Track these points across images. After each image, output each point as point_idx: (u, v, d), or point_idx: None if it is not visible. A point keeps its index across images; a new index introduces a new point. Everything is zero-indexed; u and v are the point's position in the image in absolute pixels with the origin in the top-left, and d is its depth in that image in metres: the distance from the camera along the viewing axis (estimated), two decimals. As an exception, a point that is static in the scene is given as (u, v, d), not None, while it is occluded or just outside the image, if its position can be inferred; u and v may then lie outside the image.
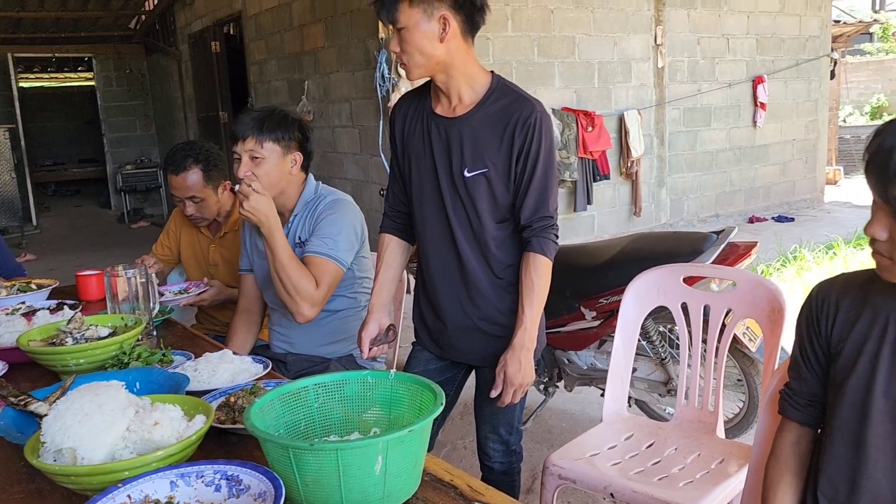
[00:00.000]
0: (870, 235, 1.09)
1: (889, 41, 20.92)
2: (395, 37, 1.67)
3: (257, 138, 2.08)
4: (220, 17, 8.17)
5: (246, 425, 1.11)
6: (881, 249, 1.09)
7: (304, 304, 2.06)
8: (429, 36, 1.66)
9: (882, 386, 1.17)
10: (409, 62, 1.69)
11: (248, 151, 2.08)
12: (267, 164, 2.10)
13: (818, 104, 8.46)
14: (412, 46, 1.66)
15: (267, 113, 2.13)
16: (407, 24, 1.64)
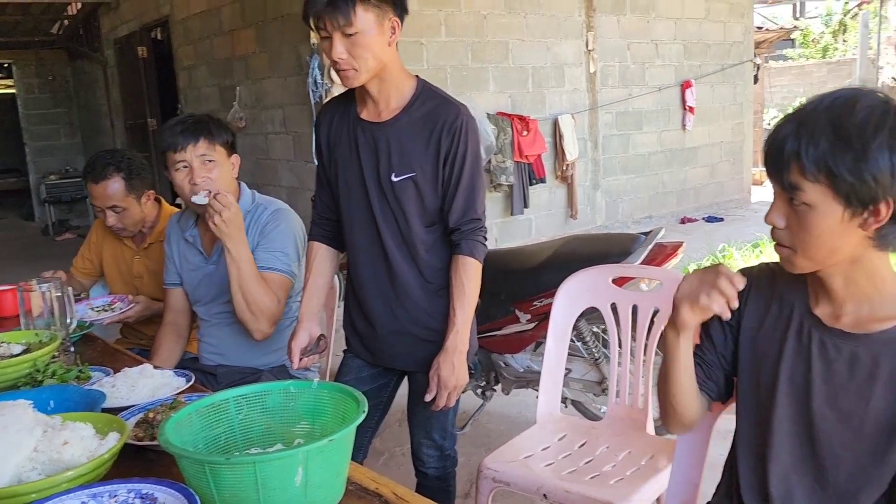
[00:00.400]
0: (769, 223, 1.13)
1: (809, 47, 21.83)
2: (342, 42, 1.62)
3: (210, 141, 2.03)
4: (146, 22, 7.95)
5: (160, 441, 1.06)
6: (782, 239, 1.13)
7: (266, 322, 2.04)
8: (380, 41, 1.65)
9: (787, 371, 1.22)
10: (362, 67, 1.65)
11: (200, 156, 2.03)
12: (221, 168, 2.06)
13: (743, 107, 8.75)
14: (367, 51, 1.63)
15: (203, 117, 2.09)
16: (362, 29, 1.61)
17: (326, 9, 1.59)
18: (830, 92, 1.09)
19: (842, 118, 1.03)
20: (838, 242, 1.09)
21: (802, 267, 1.14)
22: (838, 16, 21.97)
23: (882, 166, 1.02)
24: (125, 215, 2.49)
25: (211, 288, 2.18)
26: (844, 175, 1.02)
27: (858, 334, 1.15)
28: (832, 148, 1.02)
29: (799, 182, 1.05)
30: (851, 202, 1.04)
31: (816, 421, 1.18)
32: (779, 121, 1.12)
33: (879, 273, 1.14)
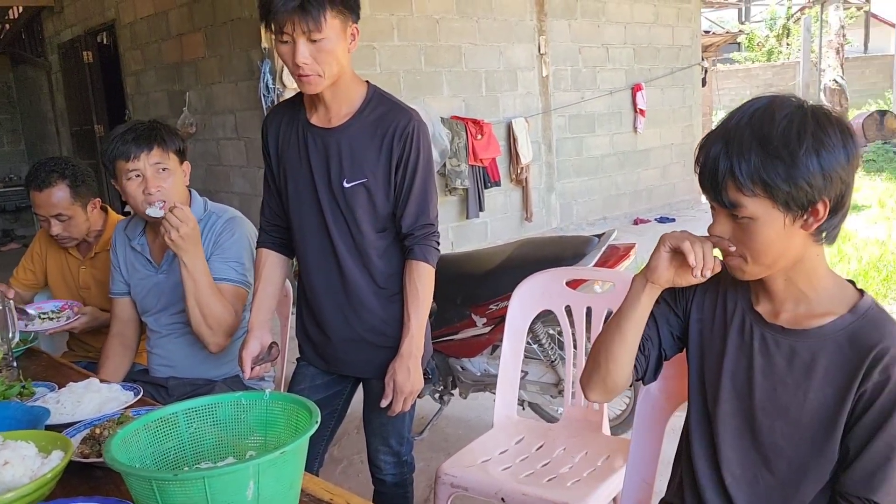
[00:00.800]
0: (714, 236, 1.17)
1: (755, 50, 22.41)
2: (307, 47, 1.59)
3: (164, 149, 1.98)
4: (91, 26, 7.76)
5: (105, 459, 1.03)
6: (729, 250, 1.16)
7: (223, 335, 2.00)
8: (343, 47, 1.64)
9: (730, 366, 1.25)
10: (326, 73, 1.63)
11: (154, 165, 1.97)
12: (175, 176, 2.01)
13: (693, 110, 8.93)
14: (332, 57, 1.62)
15: (154, 124, 2.04)
16: (330, 35, 1.59)
17: (296, 12, 1.56)
18: (747, 103, 1.13)
19: (765, 130, 1.06)
20: (784, 246, 1.12)
21: (753, 274, 1.17)
22: (782, 20, 22.60)
23: (813, 170, 1.05)
24: (70, 224, 2.42)
25: (160, 297, 2.13)
26: (780, 185, 1.06)
27: (797, 330, 1.19)
28: (763, 161, 1.05)
29: (738, 198, 1.08)
30: (791, 208, 1.08)
31: (758, 415, 1.22)
32: (704, 140, 1.14)
33: (817, 272, 1.18)
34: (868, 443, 1.12)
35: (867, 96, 17.61)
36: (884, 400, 1.10)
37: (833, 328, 1.16)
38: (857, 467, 1.14)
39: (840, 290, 1.19)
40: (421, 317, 1.77)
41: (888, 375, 1.10)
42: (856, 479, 1.14)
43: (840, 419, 1.14)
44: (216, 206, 2.19)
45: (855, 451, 1.14)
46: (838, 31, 14.05)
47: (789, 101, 1.10)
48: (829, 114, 1.10)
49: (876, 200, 8.00)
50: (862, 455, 1.13)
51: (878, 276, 4.98)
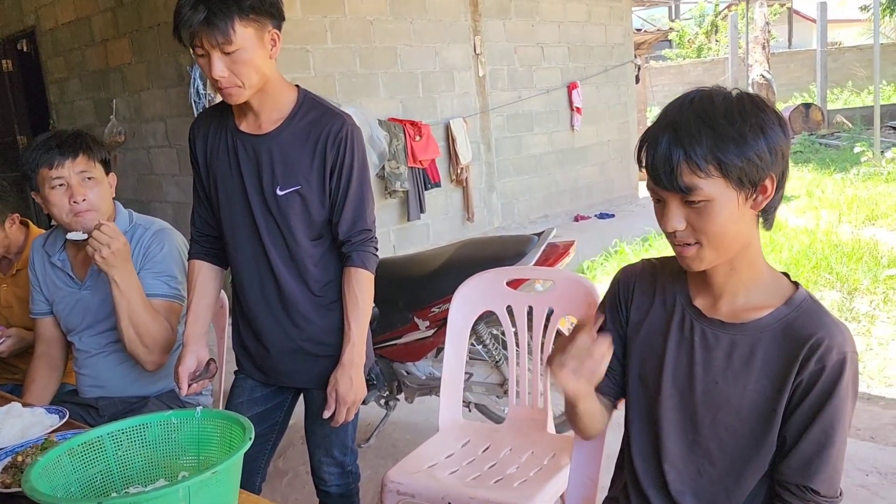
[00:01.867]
0: (671, 230, 1.15)
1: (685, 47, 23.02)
2: (221, 60, 1.54)
3: (89, 157, 1.90)
4: (10, 33, 7.45)
5: (24, 489, 0.97)
6: (685, 238, 1.15)
7: (160, 353, 1.93)
8: (262, 55, 1.58)
9: (671, 362, 1.26)
10: (246, 83, 1.58)
11: (80, 173, 1.88)
12: (101, 186, 1.93)
13: (627, 107, 9.09)
14: (250, 67, 1.56)
15: (78, 132, 1.95)
16: (242, 45, 1.53)
17: (202, 27, 1.51)
18: (681, 96, 1.15)
19: (710, 114, 1.09)
20: (738, 227, 1.14)
21: (710, 260, 1.17)
22: (710, 17, 23.27)
23: (760, 146, 1.09)
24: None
25: (85, 315, 2.03)
26: (734, 161, 1.08)
27: (735, 324, 1.21)
28: (715, 141, 1.07)
29: (693, 182, 1.09)
30: (744, 184, 1.10)
31: (699, 409, 1.23)
32: (645, 135, 1.15)
33: (758, 260, 1.20)
34: (804, 431, 1.14)
35: (792, 90, 18.29)
36: (819, 389, 1.13)
37: (770, 320, 1.18)
38: (794, 456, 1.16)
39: (775, 282, 1.21)
40: (361, 324, 1.74)
41: (823, 365, 1.12)
42: (793, 468, 1.16)
43: (778, 409, 1.16)
44: (142, 217, 2.11)
45: (792, 439, 1.16)
46: (763, 28, 14.54)
47: (722, 89, 1.14)
48: (761, 98, 1.15)
49: (804, 190, 8.29)
50: (799, 444, 1.15)
51: (808, 263, 5.15)
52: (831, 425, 1.13)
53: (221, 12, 1.50)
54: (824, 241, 5.70)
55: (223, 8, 1.50)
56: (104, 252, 1.79)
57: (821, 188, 8.36)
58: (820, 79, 15.04)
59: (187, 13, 1.52)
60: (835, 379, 1.12)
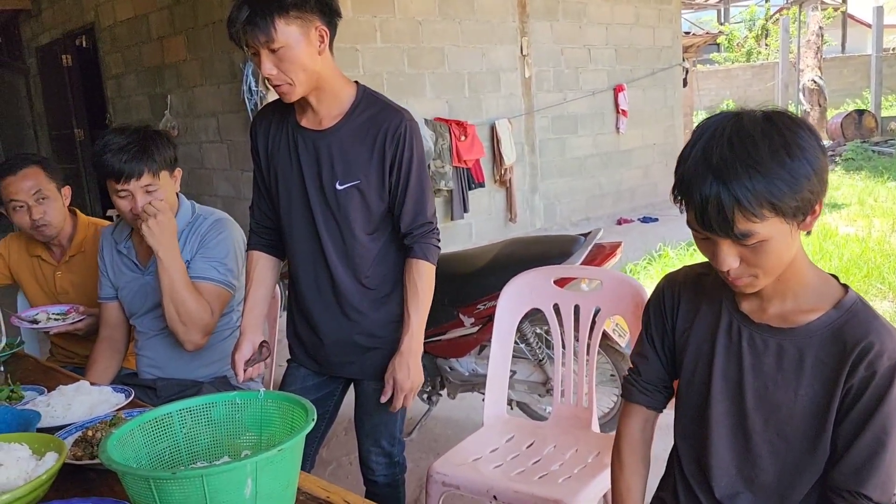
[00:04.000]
0: (726, 269, 1.13)
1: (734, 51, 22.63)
2: (269, 58, 1.58)
3: (153, 171, 1.97)
4: (70, 29, 7.70)
5: (101, 459, 1.03)
6: (738, 274, 1.15)
7: (198, 333, 1.99)
8: (309, 52, 1.61)
9: (720, 367, 1.26)
10: (296, 81, 1.62)
11: (143, 187, 1.96)
12: (163, 190, 2.01)
13: (674, 110, 9.00)
14: (296, 65, 1.60)
15: (140, 136, 1.98)
16: (287, 43, 1.57)
17: (246, 27, 1.56)
18: (710, 129, 1.10)
19: (752, 156, 1.05)
20: (790, 251, 1.13)
21: (764, 284, 1.17)
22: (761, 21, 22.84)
23: (810, 177, 1.06)
24: (49, 205, 2.40)
25: (147, 298, 2.12)
26: (788, 202, 1.06)
27: (784, 328, 1.20)
28: (767, 187, 1.04)
29: (749, 228, 1.07)
30: (797, 216, 1.09)
31: (750, 414, 1.23)
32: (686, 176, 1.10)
33: (802, 266, 1.19)
34: (856, 437, 1.14)
35: (845, 96, 17.84)
36: (870, 395, 1.12)
37: (819, 325, 1.17)
38: (846, 462, 1.15)
39: (824, 284, 1.20)
40: (421, 315, 1.78)
41: (874, 370, 1.11)
42: (845, 474, 1.15)
43: (829, 415, 1.16)
44: (204, 208, 2.19)
45: (843, 445, 1.15)
46: (816, 32, 14.22)
47: (750, 116, 1.09)
48: (790, 115, 1.11)
49: (856, 198, 8.10)
50: (850, 449, 1.14)
51: (860, 272, 5.04)
52: (884, 431, 1.12)
53: (262, 11, 1.54)
54: (876, 250, 5.57)
55: (264, 7, 1.55)
56: (150, 222, 1.88)
57: (873, 196, 8.16)
58: (874, 85, 14.65)
59: (234, 13, 1.58)
60: (886, 384, 1.11)
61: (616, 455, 1.43)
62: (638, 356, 1.41)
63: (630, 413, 1.43)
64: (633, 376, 1.42)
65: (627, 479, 1.40)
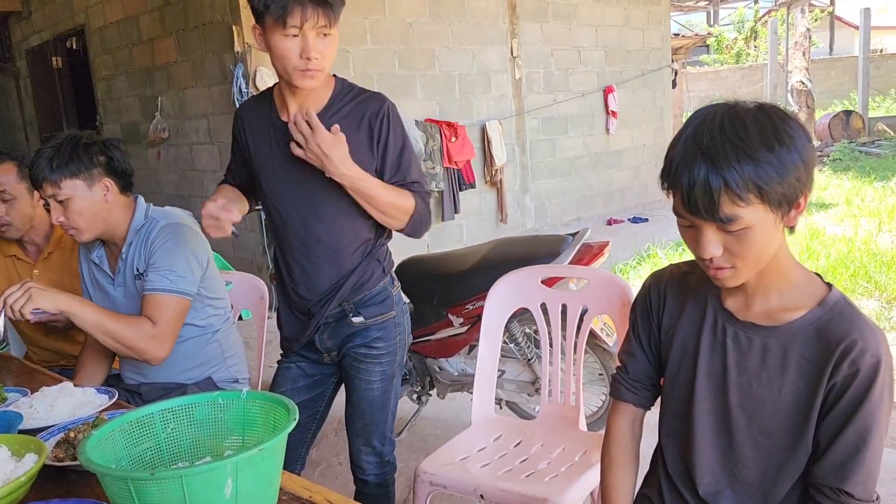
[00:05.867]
0: (708, 257, 1.14)
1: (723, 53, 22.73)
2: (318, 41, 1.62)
3: (51, 180, 1.90)
4: (61, 31, 7.67)
5: (80, 460, 1.03)
6: (720, 263, 1.15)
7: (146, 350, 1.91)
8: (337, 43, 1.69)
9: (704, 364, 1.27)
10: (326, 68, 1.69)
11: (50, 197, 1.92)
12: (75, 202, 1.92)
13: (663, 111, 9.03)
14: (333, 52, 1.67)
15: (55, 148, 1.93)
16: (336, 33, 1.66)
17: (319, 6, 1.58)
18: (702, 116, 1.11)
19: (743, 140, 1.06)
20: (773, 243, 1.14)
21: (745, 277, 1.17)
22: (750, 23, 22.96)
23: (797, 165, 1.07)
24: (14, 206, 2.36)
25: (118, 311, 2.04)
26: (774, 187, 1.06)
27: (768, 326, 1.21)
28: (755, 170, 1.05)
29: (734, 212, 1.07)
30: (782, 205, 1.09)
31: (733, 411, 1.23)
32: (675, 160, 1.11)
33: (787, 262, 1.20)
34: (838, 434, 1.14)
35: (833, 97, 17.95)
36: (853, 392, 1.12)
37: (803, 322, 1.17)
38: (828, 459, 1.16)
39: (808, 283, 1.21)
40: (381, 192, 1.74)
41: (857, 368, 1.12)
42: (827, 471, 1.16)
43: (813, 412, 1.16)
44: (158, 211, 2.10)
45: (826, 442, 1.16)
46: (804, 34, 14.30)
47: (742, 106, 1.11)
48: (781, 109, 1.12)
49: (843, 199, 8.15)
50: (833, 446, 1.15)
51: (846, 272, 5.07)
52: (865, 428, 1.13)
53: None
54: (863, 250, 5.61)
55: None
56: (35, 300, 1.76)
57: (860, 196, 8.21)
58: (861, 86, 14.75)
59: None
60: (869, 382, 1.11)
61: (605, 453, 1.43)
62: (625, 354, 1.42)
63: (618, 411, 1.43)
64: (621, 374, 1.43)
65: (617, 477, 1.40)
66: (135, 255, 2.01)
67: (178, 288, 1.95)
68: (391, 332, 1.89)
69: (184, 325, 2.03)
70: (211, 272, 2.10)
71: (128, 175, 2.05)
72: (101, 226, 1.99)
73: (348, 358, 1.90)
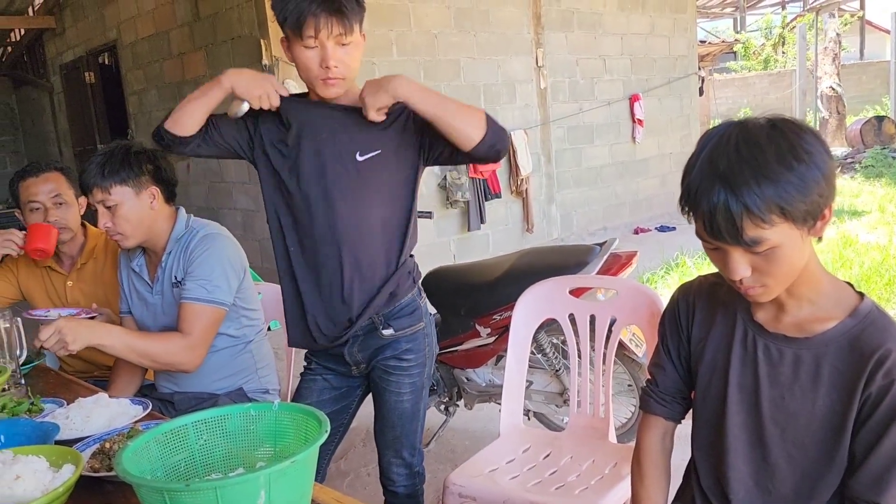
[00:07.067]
0: (737, 278, 1.12)
1: (751, 59, 22.51)
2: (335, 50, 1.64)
3: (101, 186, 1.96)
4: (93, 47, 7.83)
5: (117, 471, 1.04)
6: (750, 283, 1.14)
7: (181, 362, 1.97)
8: (362, 49, 1.74)
9: (736, 378, 1.25)
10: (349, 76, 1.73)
11: (99, 202, 1.98)
12: (123, 208, 1.98)
13: (690, 119, 8.96)
14: (356, 59, 1.71)
15: (107, 154, 2.00)
16: (356, 40, 1.68)
17: (333, 16, 1.61)
18: (715, 137, 1.10)
19: (760, 161, 1.04)
20: (802, 258, 1.12)
21: (776, 293, 1.16)
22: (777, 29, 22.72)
23: (818, 180, 1.06)
24: (67, 211, 2.44)
25: (157, 318, 2.11)
26: (798, 206, 1.05)
27: (799, 338, 1.19)
28: (776, 191, 1.03)
29: (758, 234, 1.06)
30: (807, 221, 1.08)
31: (767, 425, 1.22)
32: (693, 185, 1.10)
33: (816, 274, 1.18)
34: (874, 446, 1.12)
35: (864, 102, 17.68)
36: (888, 403, 1.11)
37: (835, 333, 1.16)
38: (864, 471, 1.14)
39: (839, 292, 1.19)
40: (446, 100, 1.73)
41: (892, 379, 1.10)
42: (863, 483, 1.14)
43: (847, 424, 1.14)
44: (199, 221, 2.14)
45: (861, 455, 1.14)
46: (834, 39, 14.12)
47: (754, 123, 1.09)
48: (794, 121, 1.10)
49: (876, 206, 8.01)
50: (868, 459, 1.13)
51: (881, 280, 4.98)
52: None
53: (350, 7, 1.62)
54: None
55: (351, 4, 1.62)
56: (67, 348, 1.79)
57: (894, 203, 8.06)
58: (893, 91, 14.52)
59: (317, 3, 1.59)
60: None
61: (636, 466, 1.42)
62: (655, 367, 1.41)
63: (649, 424, 1.42)
64: (651, 387, 1.42)
65: (648, 491, 1.39)
66: (174, 264, 2.06)
67: (213, 298, 1.99)
68: (420, 344, 1.89)
69: (218, 335, 2.06)
70: (247, 283, 2.14)
71: (173, 184, 2.12)
72: (145, 233, 2.04)
73: (378, 370, 1.89)
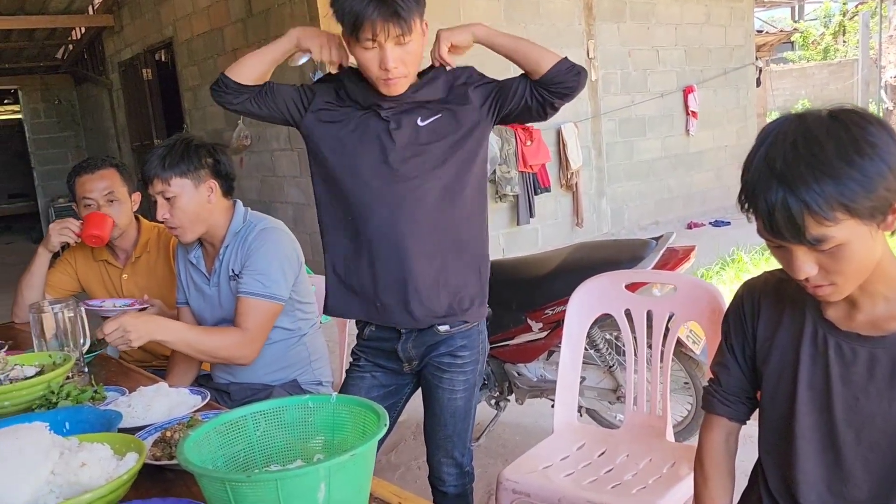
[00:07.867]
0: (804, 277, 1.08)
1: (809, 49, 21.85)
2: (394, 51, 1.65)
3: (162, 177, 2.00)
4: (150, 44, 8.01)
5: (179, 460, 1.05)
6: (817, 281, 1.09)
7: (237, 356, 2.01)
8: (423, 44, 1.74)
9: (805, 378, 1.20)
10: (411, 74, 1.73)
11: (158, 193, 2.02)
12: (181, 200, 2.02)
13: (747, 111, 8.74)
14: (416, 57, 1.72)
15: (168, 147, 2.04)
16: (416, 38, 1.68)
17: (391, 19, 1.60)
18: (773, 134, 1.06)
19: (818, 157, 1.00)
20: (873, 254, 1.07)
21: (847, 292, 1.11)
22: (837, 17, 21.99)
23: (884, 174, 1.01)
24: (119, 208, 2.50)
25: (214, 310, 2.14)
26: (862, 202, 1.00)
27: (874, 336, 1.14)
28: (838, 188, 0.99)
29: (822, 232, 1.01)
30: (875, 216, 1.03)
31: (840, 427, 1.17)
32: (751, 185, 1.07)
33: (891, 269, 1.12)
34: None
35: (931, 92, 16.99)
36: None
37: None
38: None
39: None
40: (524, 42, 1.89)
41: None
42: None
43: None
44: (256, 215, 2.16)
45: None
46: (899, 26, 13.60)
47: (814, 116, 1.04)
48: (858, 110, 1.05)
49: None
50: None
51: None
52: None
53: (407, 7, 1.61)
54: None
55: (408, 3, 1.62)
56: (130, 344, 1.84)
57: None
58: (963, 80, 13.92)
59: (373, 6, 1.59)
60: None
61: (699, 468, 1.38)
62: (718, 366, 1.37)
63: (712, 425, 1.38)
64: (714, 387, 1.37)
65: (712, 493, 1.35)
66: (231, 257, 2.08)
67: (270, 293, 2.01)
68: (475, 340, 1.87)
69: (274, 328, 2.08)
70: (302, 277, 2.15)
71: (231, 178, 2.14)
72: (202, 225, 2.07)
73: (431, 367, 1.88)
